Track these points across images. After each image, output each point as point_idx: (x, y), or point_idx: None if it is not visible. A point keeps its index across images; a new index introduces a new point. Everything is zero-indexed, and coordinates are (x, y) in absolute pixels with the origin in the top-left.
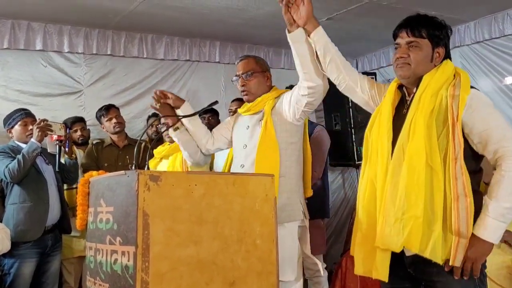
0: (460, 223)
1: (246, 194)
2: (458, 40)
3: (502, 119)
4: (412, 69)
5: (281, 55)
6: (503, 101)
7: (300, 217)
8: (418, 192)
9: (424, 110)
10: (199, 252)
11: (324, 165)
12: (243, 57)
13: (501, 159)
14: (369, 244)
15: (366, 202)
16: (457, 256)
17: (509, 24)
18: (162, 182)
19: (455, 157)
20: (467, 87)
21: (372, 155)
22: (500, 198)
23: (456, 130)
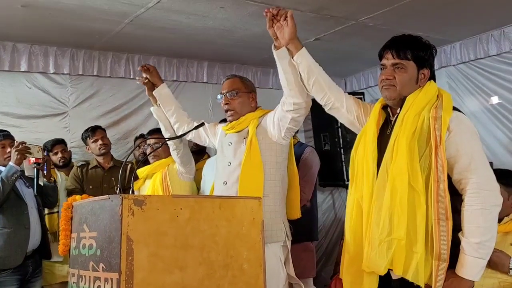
0: (441, 246)
1: (233, 217)
2: (444, 60)
3: (477, 148)
4: (398, 91)
5: (269, 75)
6: (489, 120)
7: (282, 238)
8: (400, 214)
9: (406, 131)
10: (184, 278)
11: (313, 187)
12: (229, 76)
13: (464, 192)
14: (357, 266)
15: (353, 224)
16: (438, 281)
17: (493, 45)
18: (146, 206)
19: (437, 179)
20: (450, 108)
21: (358, 176)
22: (468, 234)
23: (439, 152)
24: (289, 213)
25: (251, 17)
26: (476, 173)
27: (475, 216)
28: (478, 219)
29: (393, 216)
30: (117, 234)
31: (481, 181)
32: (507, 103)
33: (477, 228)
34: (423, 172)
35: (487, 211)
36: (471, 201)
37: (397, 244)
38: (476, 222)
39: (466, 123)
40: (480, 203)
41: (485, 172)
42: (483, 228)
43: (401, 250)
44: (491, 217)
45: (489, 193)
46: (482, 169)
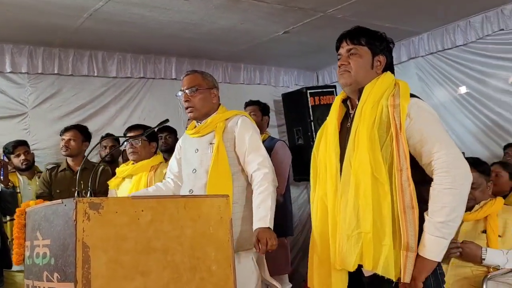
0: (408, 237)
1: (199, 217)
2: (413, 51)
3: (439, 129)
4: (353, 76)
5: (240, 70)
6: (458, 110)
7: (254, 245)
8: (365, 206)
9: (366, 121)
10: (147, 284)
11: (286, 182)
12: (189, 71)
13: (434, 173)
14: (327, 267)
15: (319, 223)
16: (407, 272)
17: (460, 35)
18: (104, 209)
19: (400, 168)
20: (407, 95)
21: (321, 173)
22: (433, 213)
23: (400, 140)
24: None
25: (218, 10)
26: (444, 153)
27: (442, 195)
28: (445, 198)
29: (359, 209)
30: (72, 241)
31: (449, 159)
32: (475, 92)
33: (442, 208)
34: (386, 161)
35: (455, 191)
36: (440, 180)
37: (364, 237)
38: (442, 202)
39: (425, 108)
40: (450, 182)
41: (452, 151)
42: (449, 208)
43: (369, 244)
44: (459, 196)
45: (458, 171)
46: (449, 148)
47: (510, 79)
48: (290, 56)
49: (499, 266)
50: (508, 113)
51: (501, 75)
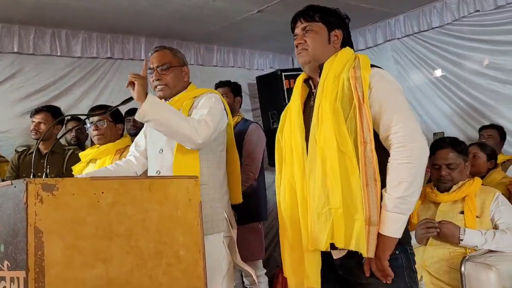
0: (371, 210)
1: (166, 200)
2: (389, 33)
3: (400, 101)
4: (311, 53)
5: (213, 52)
6: (433, 92)
7: (224, 228)
8: (334, 182)
9: (328, 96)
10: (109, 271)
11: (260, 165)
12: (158, 48)
13: (391, 147)
14: (298, 251)
15: (288, 206)
16: (370, 247)
17: (436, 17)
18: (59, 191)
19: (364, 141)
20: (368, 66)
21: (287, 155)
22: (391, 189)
23: (363, 112)
24: (231, 198)
25: None
26: (401, 127)
27: (400, 170)
28: (403, 173)
29: (327, 185)
30: (23, 226)
31: (407, 134)
32: (450, 75)
33: (400, 183)
34: (351, 134)
35: (412, 165)
36: (397, 155)
37: (334, 213)
38: (400, 177)
39: (387, 78)
40: (407, 156)
41: (410, 125)
42: (406, 183)
43: (339, 220)
44: (416, 170)
45: (416, 145)
46: (408, 122)
47: (485, 61)
48: (264, 38)
49: (477, 247)
50: (483, 96)
51: (477, 57)
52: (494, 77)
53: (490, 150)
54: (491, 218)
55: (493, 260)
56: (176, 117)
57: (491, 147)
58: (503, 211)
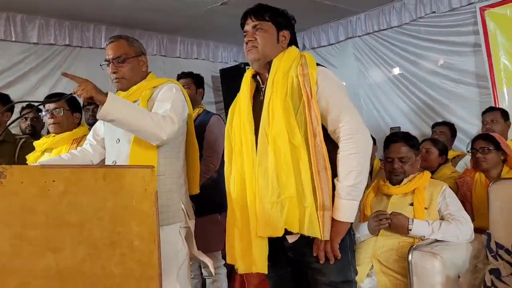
0: (323, 196)
1: (121, 189)
2: (350, 31)
3: (344, 97)
4: (261, 51)
5: (176, 43)
6: (391, 90)
7: (181, 219)
8: (287, 172)
9: (278, 92)
10: (60, 261)
11: (221, 157)
12: (113, 38)
13: (339, 139)
14: (247, 238)
15: (238, 196)
16: (325, 230)
17: (395, 17)
18: (7, 179)
19: (313, 133)
20: (314, 64)
21: (236, 147)
22: (343, 178)
23: (312, 106)
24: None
25: None
26: (347, 121)
27: (349, 160)
28: (352, 163)
29: (281, 176)
30: None
31: (352, 127)
32: (408, 73)
33: (350, 172)
34: (301, 128)
35: (359, 155)
36: (345, 146)
37: (289, 202)
38: (349, 166)
39: (331, 77)
40: (354, 147)
41: (355, 119)
42: (356, 172)
43: (294, 208)
44: (363, 160)
45: (361, 136)
46: (352, 116)
47: (440, 61)
48: (229, 31)
49: (424, 237)
50: (437, 94)
51: (432, 57)
52: (448, 76)
53: (441, 146)
54: (438, 209)
55: (439, 249)
56: (140, 115)
57: (442, 143)
58: (449, 203)
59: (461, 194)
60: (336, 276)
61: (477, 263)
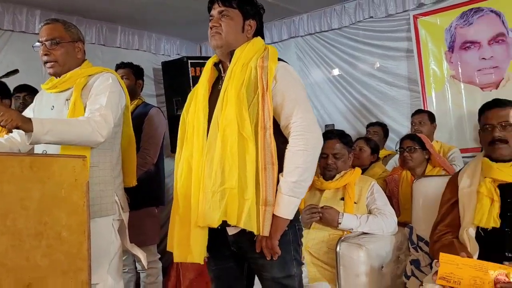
0: (267, 192)
1: (49, 179)
2: (293, 31)
3: (301, 95)
4: (224, 38)
5: (117, 32)
6: (331, 90)
7: (115, 212)
8: (232, 163)
9: (235, 82)
10: None
11: (159, 150)
12: (49, 20)
13: (290, 135)
14: (187, 226)
15: (183, 183)
16: (265, 226)
17: (336, 19)
18: None
19: (264, 127)
20: (275, 59)
21: (189, 134)
22: (287, 173)
23: (266, 100)
24: (124, 180)
25: None
26: (300, 118)
27: (296, 156)
28: (299, 159)
29: (225, 166)
30: None
31: (305, 124)
32: (346, 74)
33: (296, 168)
34: (252, 120)
35: (308, 152)
36: (295, 142)
37: (229, 193)
38: (296, 163)
39: (291, 73)
40: (303, 144)
41: (308, 116)
42: (301, 169)
43: (233, 199)
44: (311, 158)
45: (312, 135)
46: (307, 114)
47: (376, 64)
48: (172, 24)
49: (352, 229)
50: (372, 96)
51: (369, 60)
52: (382, 79)
53: (374, 145)
54: (366, 204)
55: (365, 241)
56: (72, 129)
57: (375, 142)
58: (376, 198)
59: (389, 190)
60: (278, 272)
61: (399, 254)
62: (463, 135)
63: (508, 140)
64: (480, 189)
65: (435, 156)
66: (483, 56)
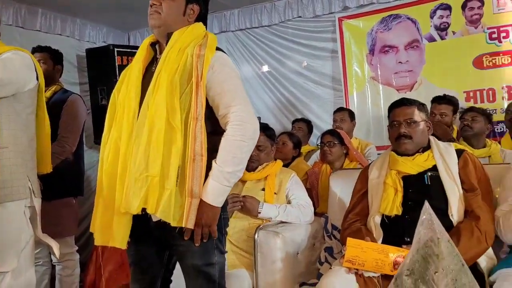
0: (193, 183)
1: None
2: (224, 25)
3: (239, 86)
4: (163, 19)
5: (37, 15)
6: (260, 86)
7: (26, 196)
8: (156, 150)
9: (169, 67)
10: None
11: (78, 139)
12: None
13: (227, 124)
14: (111, 210)
15: (110, 165)
16: (190, 218)
17: (266, 17)
18: None
19: (196, 117)
20: (213, 48)
21: (118, 115)
22: (223, 163)
23: (199, 89)
24: (39, 167)
25: None
26: (239, 108)
27: (233, 146)
28: (236, 149)
29: (150, 153)
30: None
31: (244, 115)
32: (275, 71)
33: (233, 158)
34: (184, 109)
35: (245, 143)
36: (233, 131)
37: (151, 181)
38: (232, 152)
39: (228, 63)
40: (241, 135)
41: (247, 107)
42: (238, 159)
43: (154, 187)
44: (248, 149)
45: (250, 126)
46: (245, 104)
47: (303, 63)
48: (99, 10)
49: (271, 218)
50: (299, 93)
51: (297, 58)
52: (309, 77)
53: (296, 140)
54: (286, 194)
55: (282, 229)
56: None
57: (297, 137)
58: (295, 189)
59: (310, 183)
60: (199, 259)
61: (315, 242)
62: (381, 133)
63: (412, 136)
64: (386, 180)
65: (352, 151)
66: (399, 60)
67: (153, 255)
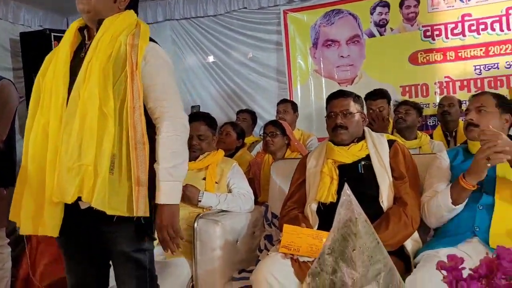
0: (139, 171)
1: None
2: (169, 13)
3: (170, 79)
4: (92, 4)
5: None
6: (205, 76)
7: None
8: (89, 139)
9: (101, 54)
10: None
11: (9, 126)
12: None
13: (159, 120)
14: (40, 199)
15: (38, 152)
16: (139, 206)
17: (211, 6)
18: None
19: (133, 106)
20: (146, 38)
21: (45, 100)
22: (163, 160)
23: (135, 79)
24: None
25: None
26: (169, 103)
27: (169, 142)
28: (172, 144)
29: (82, 142)
30: None
31: (174, 110)
32: (220, 62)
33: (172, 153)
34: (118, 98)
35: (179, 137)
36: (166, 128)
37: (85, 170)
38: (170, 148)
39: (162, 55)
40: (173, 130)
41: (176, 102)
42: (176, 153)
43: (89, 176)
44: (182, 141)
45: (181, 120)
46: (174, 99)
47: (249, 54)
48: None
49: (212, 207)
50: (244, 84)
51: (242, 49)
52: (254, 69)
53: (240, 130)
54: (227, 184)
55: (221, 217)
56: None
57: (241, 128)
58: (236, 178)
59: (252, 173)
60: (128, 246)
61: (255, 230)
62: (323, 125)
63: (348, 126)
64: (323, 169)
65: (294, 141)
66: (341, 54)
67: (84, 244)
